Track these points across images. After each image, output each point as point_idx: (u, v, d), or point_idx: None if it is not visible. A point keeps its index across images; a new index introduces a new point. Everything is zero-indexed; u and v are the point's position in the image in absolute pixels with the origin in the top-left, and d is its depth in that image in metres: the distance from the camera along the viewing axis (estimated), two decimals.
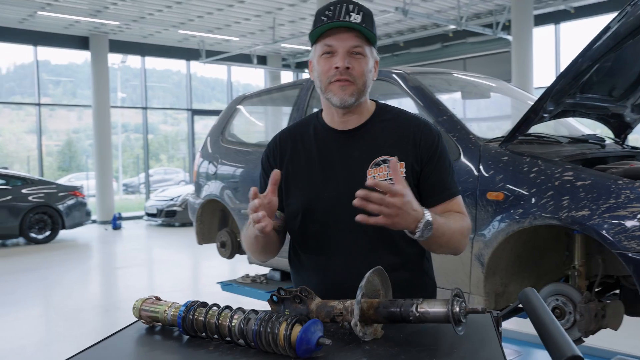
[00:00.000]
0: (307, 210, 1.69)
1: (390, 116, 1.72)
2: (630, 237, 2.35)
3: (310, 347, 1.25)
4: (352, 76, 1.60)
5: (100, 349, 1.41)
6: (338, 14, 1.59)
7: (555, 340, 1.14)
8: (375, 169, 1.62)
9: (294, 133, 1.79)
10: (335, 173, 1.67)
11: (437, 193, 1.65)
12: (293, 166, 1.73)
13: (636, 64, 3.19)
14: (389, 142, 1.66)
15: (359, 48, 1.60)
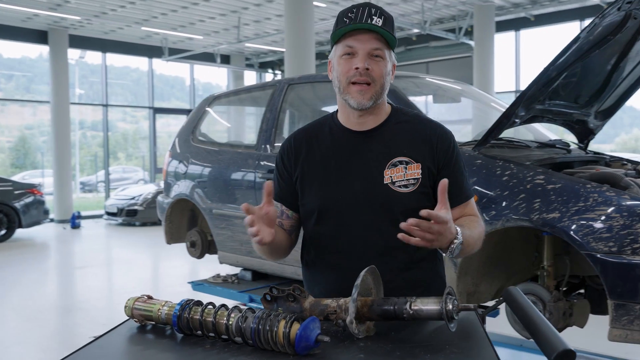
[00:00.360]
0: (322, 210, 1.71)
1: (406, 118, 1.75)
2: (598, 239, 2.46)
3: (309, 344, 1.28)
4: (371, 77, 1.62)
5: (94, 348, 1.41)
6: (360, 16, 1.61)
7: (546, 336, 1.19)
8: (392, 170, 1.66)
9: (309, 133, 1.80)
10: (351, 173, 1.69)
11: (454, 196, 1.65)
12: (308, 166, 1.74)
13: (600, 73, 3.33)
14: (405, 143, 1.69)
15: (379, 51, 1.62)
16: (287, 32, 9.24)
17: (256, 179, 3.94)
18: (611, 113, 3.69)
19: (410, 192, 1.66)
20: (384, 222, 1.66)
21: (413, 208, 1.61)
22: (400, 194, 1.65)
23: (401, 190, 1.65)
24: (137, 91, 19.41)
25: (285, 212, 1.79)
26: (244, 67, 18.57)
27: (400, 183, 1.66)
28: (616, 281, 2.41)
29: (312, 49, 9.28)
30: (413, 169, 1.66)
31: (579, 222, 2.51)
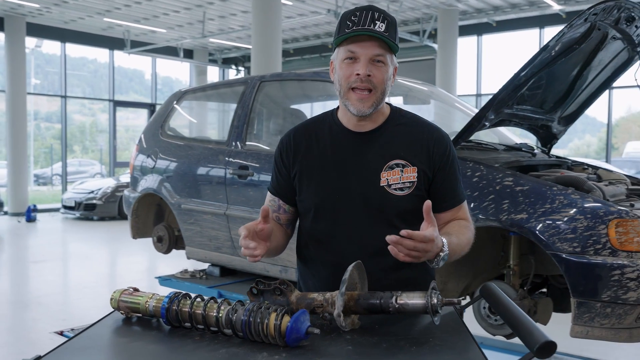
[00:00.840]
0: (319, 207, 1.74)
1: (404, 120, 1.77)
2: (563, 240, 2.56)
3: (300, 336, 1.32)
4: (373, 83, 1.64)
5: (82, 340, 1.41)
6: (364, 20, 1.62)
7: (527, 328, 1.26)
8: (389, 172, 1.69)
9: (309, 130, 1.81)
10: (348, 173, 1.72)
11: (447, 200, 1.74)
12: (307, 163, 1.77)
13: (565, 80, 3.45)
14: (403, 146, 1.72)
15: (381, 57, 1.64)
16: (254, 29, 9.23)
17: (227, 174, 3.94)
18: (573, 119, 3.83)
19: (406, 195, 1.70)
20: (379, 224, 1.69)
21: (408, 210, 1.69)
22: (396, 197, 1.68)
23: (397, 193, 1.69)
24: (94, 83, 19.01)
25: (283, 207, 1.82)
26: (207, 63, 18.42)
27: (396, 186, 1.69)
28: (579, 280, 2.52)
29: (278, 46, 9.29)
30: (409, 172, 1.70)
31: (545, 223, 2.61)
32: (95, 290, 6.54)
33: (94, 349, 1.37)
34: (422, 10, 13.23)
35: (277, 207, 1.82)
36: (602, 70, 3.54)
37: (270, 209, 1.77)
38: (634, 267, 2.45)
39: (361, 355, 1.29)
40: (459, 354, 1.30)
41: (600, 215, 2.54)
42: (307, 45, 16.36)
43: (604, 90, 3.74)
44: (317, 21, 14.33)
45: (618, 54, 3.46)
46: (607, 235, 2.50)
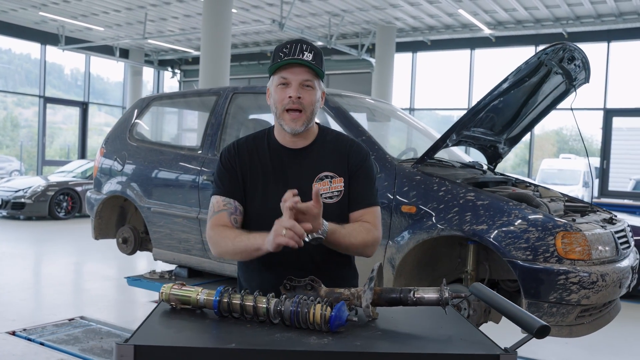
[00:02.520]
0: (261, 215, 1.98)
1: (330, 138, 2.05)
2: (518, 248, 2.96)
3: (341, 322, 1.59)
4: (303, 105, 1.89)
5: (150, 326, 1.61)
6: (294, 51, 1.88)
7: (521, 317, 1.58)
8: (320, 183, 1.97)
9: (250, 145, 2.04)
10: (286, 184, 1.94)
11: (357, 202, 1.98)
12: (251, 174, 2.01)
13: (513, 107, 3.90)
14: (331, 160, 1.99)
15: (310, 81, 1.90)
16: (204, 33, 9.37)
17: (200, 180, 4.14)
18: (517, 141, 4.31)
19: (334, 202, 1.97)
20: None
21: (337, 215, 1.97)
22: (326, 205, 1.91)
23: (327, 202, 1.95)
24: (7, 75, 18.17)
25: (239, 208, 2.00)
26: (143, 63, 18.21)
27: (326, 195, 1.97)
28: (530, 283, 2.92)
29: (227, 51, 9.46)
30: (337, 182, 1.98)
31: (502, 234, 3.01)
32: (37, 291, 6.49)
33: (167, 332, 1.58)
34: (361, 25, 13.74)
35: (234, 208, 1.99)
36: (543, 99, 4.02)
37: (227, 212, 1.99)
38: (576, 273, 2.87)
39: (391, 338, 1.58)
40: (468, 337, 1.61)
41: (549, 228, 2.96)
42: (245, 52, 16.54)
43: (544, 116, 4.24)
44: (259, 30, 14.56)
45: (557, 86, 3.94)
46: (554, 245, 2.92)
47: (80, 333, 4.84)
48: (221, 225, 1.98)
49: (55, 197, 12.41)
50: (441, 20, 12.86)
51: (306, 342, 1.49)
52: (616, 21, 11.88)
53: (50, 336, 4.76)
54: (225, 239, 1.95)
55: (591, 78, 4.02)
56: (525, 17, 12.25)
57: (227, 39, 9.29)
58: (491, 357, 1.44)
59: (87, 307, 5.70)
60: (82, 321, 5.18)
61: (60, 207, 12.55)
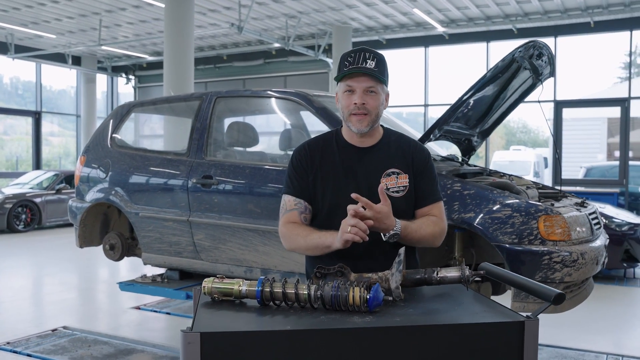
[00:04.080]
0: (334, 206, 2.16)
1: (394, 138, 2.24)
2: (504, 233, 3.18)
3: (378, 302, 1.75)
4: (367, 109, 2.08)
5: (203, 316, 1.73)
6: (357, 60, 2.07)
7: (537, 287, 1.77)
8: (387, 179, 2.15)
9: (319, 145, 2.24)
10: (356, 179, 2.16)
11: (423, 199, 2.18)
12: (322, 170, 2.19)
13: (487, 102, 4.14)
14: (396, 158, 2.18)
15: (373, 87, 2.08)
16: (167, 38, 9.35)
17: (189, 184, 4.22)
18: (488, 133, 4.56)
19: (401, 196, 2.15)
20: None
21: (403, 209, 2.16)
22: (394, 198, 2.13)
23: (394, 195, 2.15)
24: None
25: (308, 207, 2.20)
26: (96, 70, 17.92)
27: (393, 190, 2.16)
28: (517, 265, 3.15)
29: (191, 56, 9.48)
30: (403, 179, 2.17)
31: (489, 220, 3.23)
32: (14, 304, 6.41)
33: (223, 319, 1.71)
34: (317, 26, 13.93)
35: (303, 208, 2.18)
36: (512, 93, 4.27)
37: (297, 210, 2.19)
38: (559, 253, 3.12)
39: (425, 313, 1.75)
40: (492, 309, 1.79)
41: (532, 213, 3.20)
42: (201, 56, 16.50)
43: (513, 109, 4.50)
44: (215, 33, 14.57)
45: (525, 81, 4.20)
46: (537, 228, 3.15)
47: (67, 342, 4.85)
48: (293, 223, 2.17)
49: (14, 210, 12.13)
50: (396, 19, 13.17)
51: (351, 320, 1.65)
52: (562, 17, 12.44)
53: (37, 347, 4.76)
54: (297, 236, 2.15)
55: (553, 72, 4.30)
56: (476, 15, 12.69)
57: (190, 43, 9.33)
58: (517, 324, 1.63)
59: (66, 317, 5.69)
60: (66, 331, 5.18)
61: (19, 219, 12.28)
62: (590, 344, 4.82)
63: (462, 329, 1.63)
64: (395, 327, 1.62)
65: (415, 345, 1.59)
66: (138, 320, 5.59)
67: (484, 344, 1.62)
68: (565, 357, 4.54)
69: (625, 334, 5.38)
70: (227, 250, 4.08)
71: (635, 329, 5.63)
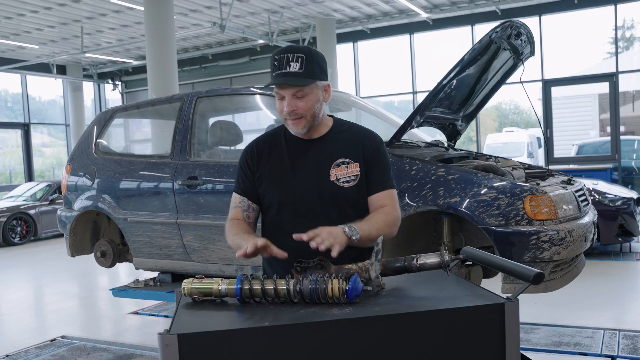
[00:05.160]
0: (281, 203, 2.15)
1: (345, 128, 2.22)
2: (491, 215, 3.17)
3: (358, 293, 1.74)
4: (299, 113, 2.05)
5: (183, 317, 1.72)
6: (281, 64, 2.01)
7: (516, 268, 1.76)
8: (337, 169, 2.12)
9: (267, 141, 2.22)
10: (304, 172, 2.14)
11: (375, 186, 2.14)
12: (269, 166, 2.17)
13: (468, 85, 4.12)
14: (346, 148, 2.16)
15: (301, 91, 2.02)
16: (148, 43, 9.30)
17: (175, 186, 4.20)
18: (472, 117, 4.54)
19: (352, 186, 2.12)
20: (333, 212, 2.13)
21: (355, 199, 2.15)
22: (344, 189, 2.12)
23: (344, 186, 2.12)
24: None
25: (252, 206, 2.20)
26: (82, 78, 17.84)
27: (344, 180, 2.13)
28: (505, 247, 3.14)
29: (173, 58, 9.44)
30: (353, 168, 2.12)
31: (475, 204, 3.21)
32: (12, 316, 6.39)
33: (201, 320, 1.69)
34: (300, 20, 13.87)
35: (247, 206, 2.19)
36: (494, 75, 4.26)
37: (241, 208, 2.20)
38: (546, 232, 3.11)
39: (405, 301, 1.74)
40: (472, 292, 1.78)
41: (517, 193, 3.18)
42: (186, 57, 16.43)
43: (495, 91, 4.48)
44: (198, 34, 14.50)
45: (506, 61, 4.19)
46: (524, 209, 3.14)
47: (66, 352, 4.83)
48: (234, 219, 2.18)
49: (8, 223, 12.10)
50: (378, 8, 13.12)
51: (330, 313, 1.63)
52: None
53: (36, 359, 4.74)
54: (229, 233, 2.15)
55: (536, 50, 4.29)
56: None
57: (171, 45, 9.28)
58: (497, 306, 1.62)
59: (65, 326, 5.68)
60: (64, 340, 5.17)
61: (14, 232, 12.24)
62: (587, 321, 4.82)
63: (443, 314, 1.62)
64: (374, 317, 1.61)
65: (395, 333, 1.58)
66: (137, 325, 5.58)
67: (465, 328, 1.61)
68: (562, 335, 4.55)
69: (623, 309, 5.39)
70: (217, 250, 4.06)
71: (632, 302, 5.64)
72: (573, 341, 4.40)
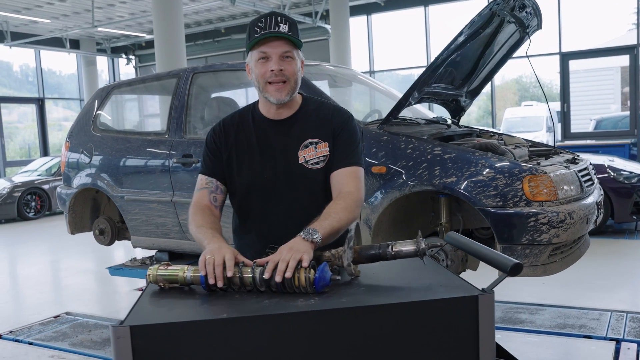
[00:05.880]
0: (250, 187, 2.04)
1: (314, 107, 2.08)
2: (488, 196, 3.06)
3: (326, 283, 1.65)
4: (285, 76, 1.93)
5: (142, 307, 1.64)
6: (269, 25, 1.90)
7: (495, 257, 1.66)
8: (305, 150, 2.01)
9: (235, 121, 2.10)
10: (273, 155, 2.02)
11: (340, 160, 1.99)
12: (237, 148, 2.05)
13: (471, 60, 3.97)
14: (314, 127, 2.02)
15: (289, 52, 1.93)
16: (155, 15, 9.17)
17: (171, 164, 4.14)
18: (477, 92, 4.39)
19: (321, 167, 2.00)
20: (303, 195, 2.03)
21: (322, 181, 2.02)
22: (313, 171, 2.01)
23: (314, 167, 2.00)
24: None
25: (220, 187, 2.06)
26: (95, 53, 17.81)
27: (312, 161, 2.00)
28: (502, 229, 3.03)
29: (181, 31, 9.31)
30: (322, 147, 2.00)
31: (472, 184, 3.10)
32: (19, 293, 6.45)
33: (159, 310, 1.62)
34: None
35: (214, 187, 2.05)
36: (499, 49, 4.09)
37: (208, 190, 2.05)
38: (545, 214, 2.99)
39: (375, 291, 1.65)
40: (447, 283, 1.69)
41: (515, 174, 3.06)
42: (199, 31, 16.29)
43: (501, 66, 4.32)
44: (210, 7, 14.33)
45: (511, 35, 4.02)
46: (522, 190, 3.02)
47: (68, 328, 4.84)
48: (199, 204, 2.05)
49: (23, 198, 12.21)
50: None
51: (294, 304, 1.55)
52: None
53: (38, 335, 4.76)
54: (192, 223, 2.02)
55: (543, 24, 4.11)
56: None
57: (179, 18, 9.15)
58: (470, 298, 1.52)
59: (70, 302, 5.70)
60: (68, 317, 5.18)
61: (29, 207, 12.36)
62: (595, 302, 4.70)
63: (412, 307, 1.53)
64: (339, 309, 1.52)
65: (362, 327, 1.49)
66: None
67: (436, 321, 1.52)
68: (568, 316, 4.44)
69: (635, 290, 5.25)
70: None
71: None
72: (578, 323, 4.29)
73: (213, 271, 1.70)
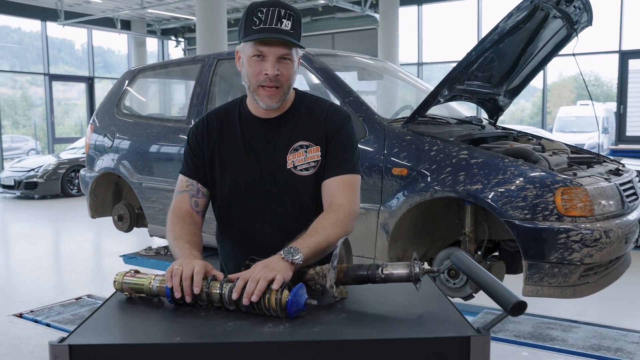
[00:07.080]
0: (233, 192, 1.83)
1: (307, 105, 1.85)
2: (515, 207, 2.79)
3: (299, 307, 1.46)
4: (280, 82, 1.71)
5: (97, 320, 1.49)
6: (270, 20, 1.67)
7: (499, 291, 1.43)
8: (294, 154, 1.78)
9: (220, 117, 1.87)
10: (258, 158, 1.81)
11: (333, 167, 1.78)
12: (219, 149, 1.83)
13: (510, 56, 3.68)
14: (306, 128, 1.80)
15: (288, 55, 1.71)
16: (198, 1, 9.11)
17: None
18: (517, 92, 4.09)
19: (311, 174, 1.79)
20: (290, 204, 1.81)
21: (313, 189, 1.80)
22: (302, 177, 1.78)
23: (303, 174, 1.78)
24: (19, 54, 17.99)
25: (201, 190, 1.86)
26: (145, 34, 17.98)
27: (302, 167, 1.78)
28: (529, 244, 2.76)
29: (223, 16, 9.21)
30: (313, 152, 1.79)
31: (498, 193, 2.84)
32: (49, 271, 6.49)
33: (112, 327, 1.47)
34: None
35: (196, 191, 1.85)
36: (543, 46, 3.78)
37: (188, 193, 1.84)
38: (578, 231, 2.70)
39: (356, 322, 1.44)
40: (440, 316, 1.47)
41: (547, 185, 2.78)
42: (238, 17, 16.18)
43: (546, 64, 4.01)
44: None
45: (558, 31, 3.70)
46: (554, 203, 2.74)
47: (86, 312, 4.80)
48: (179, 209, 1.85)
49: (67, 175, 12.44)
50: None
51: (259, 331, 1.37)
52: None
53: (57, 317, 4.74)
54: (170, 232, 1.80)
55: (602, 20, 3.77)
56: None
57: (221, 3, 9.04)
58: (461, 339, 1.30)
59: (96, 284, 5.69)
60: (89, 299, 5.15)
61: (72, 184, 12.57)
62: (636, 323, 4.36)
63: (392, 345, 1.32)
64: (308, 341, 1.33)
65: None
66: None
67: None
68: (605, 337, 4.12)
69: None
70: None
71: None
72: (615, 345, 3.97)
73: (180, 284, 1.52)
